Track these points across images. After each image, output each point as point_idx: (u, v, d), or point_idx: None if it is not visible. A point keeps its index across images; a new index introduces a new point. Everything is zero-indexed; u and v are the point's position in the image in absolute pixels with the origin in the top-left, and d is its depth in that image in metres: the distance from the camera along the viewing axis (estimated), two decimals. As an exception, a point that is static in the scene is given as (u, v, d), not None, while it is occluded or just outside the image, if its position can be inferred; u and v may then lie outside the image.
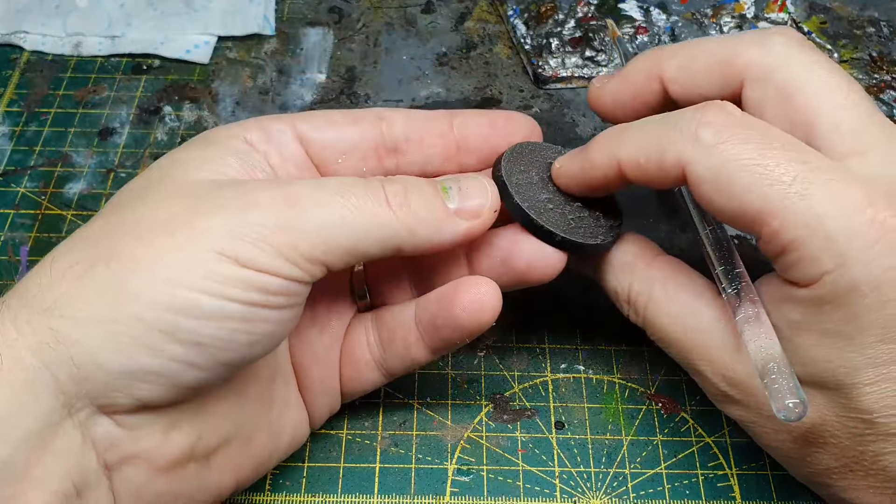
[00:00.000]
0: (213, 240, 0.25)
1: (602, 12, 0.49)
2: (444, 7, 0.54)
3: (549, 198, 0.32)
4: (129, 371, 0.24)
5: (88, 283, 0.24)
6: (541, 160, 0.33)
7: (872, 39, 0.53)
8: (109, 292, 0.24)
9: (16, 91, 0.48)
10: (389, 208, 0.27)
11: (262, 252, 0.25)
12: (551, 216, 0.31)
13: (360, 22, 0.53)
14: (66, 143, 0.46)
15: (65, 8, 0.52)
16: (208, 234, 0.25)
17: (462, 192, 0.30)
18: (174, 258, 0.24)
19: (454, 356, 0.37)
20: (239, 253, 0.25)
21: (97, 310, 0.24)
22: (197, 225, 0.25)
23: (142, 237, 0.25)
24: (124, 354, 0.24)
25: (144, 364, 0.24)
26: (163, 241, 0.25)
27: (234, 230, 0.25)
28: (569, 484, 0.34)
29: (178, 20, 0.51)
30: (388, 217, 0.27)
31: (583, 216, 0.32)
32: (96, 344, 0.24)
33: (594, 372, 0.37)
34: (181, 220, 0.25)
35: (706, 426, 0.35)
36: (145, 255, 0.24)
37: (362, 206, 0.27)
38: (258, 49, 0.51)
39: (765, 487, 0.34)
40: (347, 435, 0.35)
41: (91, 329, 0.24)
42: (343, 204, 0.27)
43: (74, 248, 0.26)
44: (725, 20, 0.49)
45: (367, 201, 0.27)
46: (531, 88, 0.49)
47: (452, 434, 0.35)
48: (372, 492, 0.33)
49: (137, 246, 0.25)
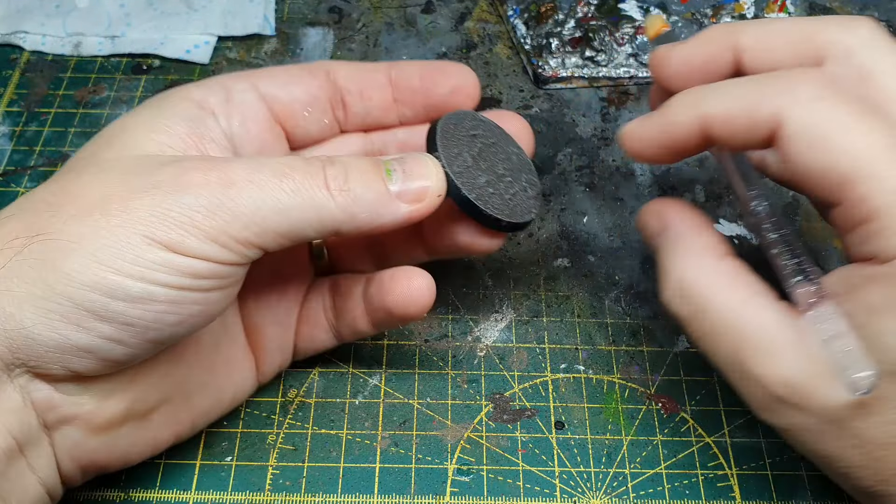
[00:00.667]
0: (144, 223, 0.25)
1: (602, 12, 0.49)
2: (444, 7, 0.54)
3: (486, 180, 0.32)
4: (60, 346, 0.25)
5: (25, 259, 0.25)
6: (468, 135, 0.33)
7: (872, 39, 0.53)
8: (43, 270, 0.25)
9: (16, 91, 0.48)
10: (328, 191, 0.27)
11: (191, 237, 0.25)
12: (493, 201, 0.32)
13: (360, 22, 0.53)
14: (66, 143, 0.46)
15: (65, 8, 0.52)
16: (139, 216, 0.25)
17: (406, 173, 0.29)
18: (105, 240, 0.25)
19: (454, 356, 0.37)
20: (168, 238, 0.25)
21: (31, 287, 0.25)
22: (130, 206, 0.25)
23: (78, 215, 0.25)
24: (55, 330, 0.25)
25: (74, 340, 0.25)
26: (97, 220, 0.25)
27: (165, 214, 0.25)
28: (569, 484, 0.34)
29: (178, 20, 0.51)
30: (326, 200, 0.27)
31: (516, 192, 0.33)
32: (29, 319, 0.25)
33: (594, 372, 0.37)
34: (116, 199, 0.26)
35: (706, 426, 0.35)
36: (79, 234, 0.25)
37: (299, 189, 0.27)
38: (258, 49, 0.51)
39: (765, 487, 0.34)
40: (347, 435, 0.35)
41: (25, 305, 0.24)
42: (279, 187, 0.27)
43: (19, 216, 0.26)
44: (725, 20, 0.49)
45: (304, 184, 0.27)
46: (531, 88, 0.49)
47: (452, 434, 0.35)
48: (372, 492, 0.33)
49: (73, 224, 0.25)
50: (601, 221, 0.43)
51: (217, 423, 0.34)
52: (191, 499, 0.33)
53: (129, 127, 0.29)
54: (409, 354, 0.37)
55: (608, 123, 0.47)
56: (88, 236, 0.25)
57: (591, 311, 0.39)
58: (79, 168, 0.28)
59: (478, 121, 0.34)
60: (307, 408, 0.36)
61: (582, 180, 0.44)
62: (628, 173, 0.45)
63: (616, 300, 0.40)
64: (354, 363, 0.37)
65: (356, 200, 0.28)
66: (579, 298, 0.40)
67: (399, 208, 0.29)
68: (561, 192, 0.44)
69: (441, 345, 0.38)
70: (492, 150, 0.33)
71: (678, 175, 0.44)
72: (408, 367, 0.37)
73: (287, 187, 0.27)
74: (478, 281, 0.40)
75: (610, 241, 0.42)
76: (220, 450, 0.34)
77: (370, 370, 0.37)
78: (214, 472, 0.34)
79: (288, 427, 0.35)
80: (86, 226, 0.25)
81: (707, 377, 0.37)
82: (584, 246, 0.42)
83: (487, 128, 0.34)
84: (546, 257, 0.41)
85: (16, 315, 0.24)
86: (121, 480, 0.33)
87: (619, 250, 0.41)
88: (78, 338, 0.25)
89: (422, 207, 0.29)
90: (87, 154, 0.29)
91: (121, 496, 0.33)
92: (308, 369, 0.37)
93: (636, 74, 0.49)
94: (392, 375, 0.37)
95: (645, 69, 0.49)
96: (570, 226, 0.42)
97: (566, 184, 0.44)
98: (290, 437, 0.35)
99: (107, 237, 0.25)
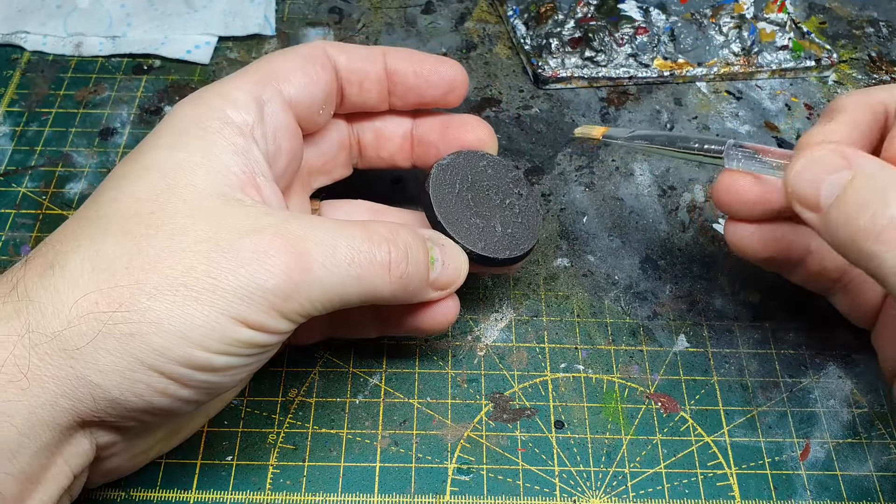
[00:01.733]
0: (230, 304, 0.26)
1: (602, 13, 0.49)
2: (444, 7, 0.54)
3: (492, 228, 0.34)
4: (143, 409, 0.26)
5: (110, 333, 0.25)
6: (461, 188, 0.35)
7: (871, 40, 0.53)
8: (130, 345, 0.25)
9: (17, 91, 0.48)
10: (388, 276, 0.29)
11: (269, 317, 0.27)
12: (499, 246, 0.34)
13: (360, 22, 0.53)
14: (66, 143, 0.46)
15: (66, 8, 0.52)
16: (225, 297, 0.26)
17: (444, 266, 0.32)
18: (195, 320, 0.26)
19: (454, 355, 0.37)
20: (250, 319, 0.27)
21: (118, 359, 0.25)
22: (215, 286, 0.26)
23: (162, 290, 0.26)
24: (140, 397, 0.26)
25: (157, 403, 0.26)
26: (184, 298, 0.26)
27: (249, 297, 0.26)
28: (568, 483, 0.34)
29: (178, 20, 0.51)
30: (384, 285, 0.29)
31: (516, 222, 0.35)
32: (116, 388, 0.26)
33: (594, 371, 0.37)
34: (199, 273, 0.26)
35: (705, 425, 0.35)
36: (168, 313, 0.26)
37: (364, 276, 0.29)
38: (259, 49, 0.51)
39: (764, 487, 0.34)
40: (347, 434, 0.35)
41: (112, 376, 0.25)
42: (348, 272, 0.28)
43: (95, 276, 0.26)
44: (725, 20, 0.49)
45: (371, 271, 0.29)
46: (531, 88, 0.49)
47: (452, 433, 0.35)
48: (372, 491, 0.33)
49: (159, 301, 0.26)
50: (601, 221, 0.43)
51: (217, 422, 0.35)
52: (191, 498, 0.33)
53: (187, 167, 0.28)
54: (409, 354, 0.38)
55: (608, 123, 0.47)
56: (177, 315, 0.26)
57: (591, 310, 0.39)
58: (148, 220, 0.27)
59: (462, 164, 0.35)
60: (307, 407, 0.36)
61: (582, 180, 0.44)
62: (628, 173, 0.45)
63: (616, 300, 0.40)
64: (354, 363, 0.37)
65: (406, 288, 0.30)
66: (579, 298, 0.40)
67: (429, 294, 0.32)
68: (561, 192, 0.44)
69: (441, 344, 0.38)
70: (476, 187, 0.35)
71: (678, 175, 0.44)
72: (408, 367, 0.37)
73: (354, 273, 0.28)
74: (478, 281, 0.40)
75: (610, 241, 0.42)
76: (221, 449, 0.34)
77: (370, 370, 0.37)
78: (215, 471, 0.34)
79: (288, 426, 0.35)
80: (174, 304, 0.26)
81: (706, 377, 0.37)
82: (583, 246, 0.42)
83: (472, 165, 0.36)
84: (546, 257, 0.41)
85: (102, 384, 0.25)
86: (122, 480, 0.33)
87: (619, 250, 0.41)
88: (160, 401, 0.26)
89: (443, 295, 0.32)
90: (148, 195, 0.28)
91: (122, 496, 0.33)
92: (308, 369, 0.37)
93: (636, 74, 0.49)
94: (392, 375, 0.37)
95: (644, 69, 0.49)
96: (569, 226, 0.42)
97: (566, 184, 0.44)
98: (291, 437, 0.35)
99: (196, 316, 0.26)
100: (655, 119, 0.47)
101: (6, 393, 0.24)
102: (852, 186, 0.27)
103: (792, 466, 0.34)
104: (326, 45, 0.34)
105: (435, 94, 0.36)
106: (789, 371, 0.37)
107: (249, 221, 0.27)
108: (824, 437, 0.35)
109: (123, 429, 0.28)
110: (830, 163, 0.28)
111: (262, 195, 0.29)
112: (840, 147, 0.28)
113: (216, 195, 0.28)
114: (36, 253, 0.27)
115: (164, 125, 0.30)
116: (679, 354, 0.38)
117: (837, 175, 0.27)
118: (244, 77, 0.31)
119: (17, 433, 0.25)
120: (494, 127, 0.47)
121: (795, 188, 0.28)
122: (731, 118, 0.48)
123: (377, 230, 0.29)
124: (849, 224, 0.26)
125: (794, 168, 0.28)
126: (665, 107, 0.48)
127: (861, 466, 0.34)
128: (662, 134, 0.35)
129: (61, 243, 0.27)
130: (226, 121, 0.30)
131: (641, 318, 0.39)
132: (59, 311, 0.25)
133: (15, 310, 0.25)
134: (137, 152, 0.29)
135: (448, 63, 0.36)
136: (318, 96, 0.33)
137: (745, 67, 0.49)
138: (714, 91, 0.49)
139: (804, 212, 0.28)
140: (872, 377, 0.37)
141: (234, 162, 0.29)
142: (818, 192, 0.28)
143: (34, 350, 0.25)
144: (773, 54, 0.50)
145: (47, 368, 0.25)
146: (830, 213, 0.27)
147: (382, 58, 0.35)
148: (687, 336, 0.38)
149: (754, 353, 0.38)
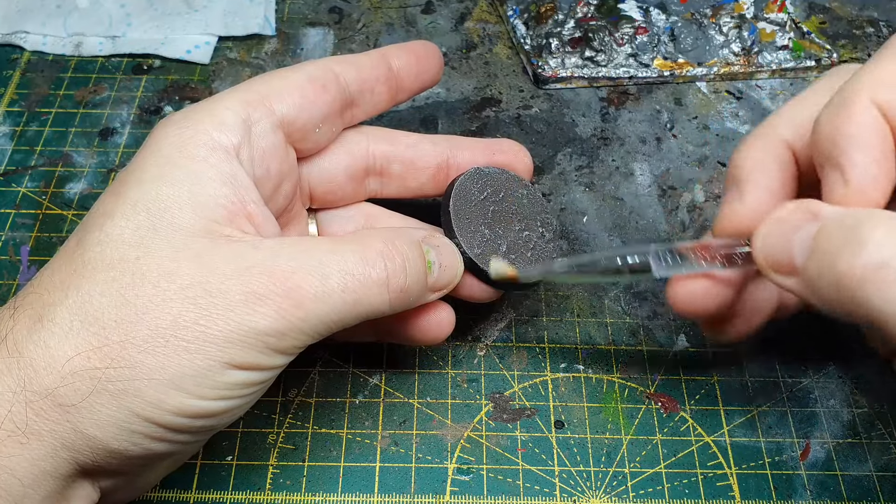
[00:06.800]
0: (222, 350, 0.26)
1: (602, 12, 0.49)
2: (444, 7, 0.54)
3: (507, 246, 0.34)
4: (142, 456, 0.27)
5: (103, 389, 0.25)
6: (479, 202, 0.35)
7: (872, 40, 0.53)
8: (125, 399, 0.25)
9: (16, 91, 0.48)
10: (386, 291, 0.29)
11: (263, 356, 0.27)
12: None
13: (360, 22, 0.53)
14: (66, 143, 0.46)
15: (65, 8, 0.52)
16: (216, 344, 0.26)
17: (441, 267, 0.32)
18: (187, 370, 0.26)
19: (454, 355, 0.37)
20: (244, 360, 0.27)
21: (114, 413, 0.26)
22: (205, 335, 0.26)
23: (153, 343, 0.26)
24: (139, 446, 0.26)
25: (155, 449, 0.27)
26: (174, 348, 0.26)
27: (241, 341, 0.26)
28: (568, 483, 0.34)
29: (178, 20, 0.51)
30: (382, 301, 0.29)
31: (535, 242, 0.35)
32: (115, 441, 0.26)
33: (594, 371, 0.37)
34: (188, 322, 0.26)
35: (705, 425, 0.35)
36: (159, 366, 0.26)
37: (361, 300, 0.28)
38: (259, 49, 0.51)
39: (764, 487, 0.34)
40: (347, 434, 0.35)
41: (109, 429, 0.26)
42: (343, 299, 0.28)
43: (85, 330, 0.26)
44: (725, 20, 0.49)
45: (367, 290, 0.28)
46: (531, 88, 0.49)
47: (452, 433, 0.35)
48: (372, 491, 0.33)
49: (150, 355, 0.26)
50: (601, 221, 0.43)
51: (217, 422, 0.35)
52: (192, 498, 0.33)
53: (173, 205, 0.27)
54: (409, 354, 0.38)
55: (608, 123, 0.47)
56: (168, 367, 0.26)
57: (591, 310, 0.39)
58: (134, 267, 0.27)
59: (483, 179, 0.35)
60: (307, 407, 0.36)
61: (582, 180, 0.44)
62: (628, 173, 0.45)
63: (615, 300, 0.40)
64: (354, 363, 0.37)
65: (407, 297, 0.30)
66: (579, 298, 0.40)
67: (428, 297, 0.32)
68: (561, 192, 0.44)
69: (441, 344, 0.38)
70: (504, 205, 0.35)
71: (678, 175, 0.44)
72: (408, 367, 0.37)
73: (349, 298, 0.28)
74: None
75: (610, 241, 0.42)
76: (221, 449, 0.34)
77: (370, 369, 0.37)
78: (215, 471, 0.34)
79: (288, 426, 0.35)
80: (164, 356, 0.26)
81: (706, 377, 0.37)
82: (584, 246, 0.42)
83: (493, 181, 0.36)
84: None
85: (99, 437, 0.26)
86: (122, 480, 0.33)
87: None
88: (159, 447, 0.27)
89: (440, 295, 0.32)
90: (132, 237, 0.27)
91: (122, 495, 0.33)
92: (308, 369, 0.37)
93: (636, 74, 0.49)
94: (392, 375, 0.37)
95: (644, 69, 0.49)
96: (570, 226, 0.42)
97: (566, 184, 0.44)
98: (291, 437, 0.35)
99: (187, 367, 0.26)
100: (655, 119, 0.47)
101: (7, 447, 0.25)
102: (822, 234, 0.25)
103: (792, 466, 0.34)
104: (334, 64, 0.33)
105: (434, 76, 0.37)
106: (789, 371, 0.37)
107: (237, 260, 0.27)
108: (824, 437, 0.35)
109: (125, 472, 0.28)
110: (796, 220, 0.26)
111: (255, 222, 0.29)
112: (802, 202, 0.27)
113: (203, 233, 0.27)
114: (23, 302, 0.27)
115: (150, 151, 0.29)
116: (679, 354, 0.38)
117: (805, 228, 0.26)
118: (235, 95, 0.31)
119: (21, 485, 0.25)
120: (494, 127, 0.47)
121: (766, 255, 0.27)
122: (731, 118, 0.48)
123: (372, 245, 0.29)
124: (829, 272, 0.24)
125: (759, 236, 0.27)
126: (665, 107, 0.48)
127: (861, 466, 0.34)
128: (584, 257, 0.34)
129: (49, 293, 0.27)
130: (212, 146, 0.29)
131: (641, 317, 0.39)
132: (52, 368, 0.25)
133: (6, 366, 0.25)
134: (123, 184, 0.28)
135: (426, 43, 0.37)
136: (315, 115, 0.32)
137: (745, 67, 0.49)
138: (714, 91, 0.49)
139: (782, 279, 0.27)
140: (873, 377, 0.37)
141: (222, 193, 0.28)
142: (790, 251, 0.26)
143: (30, 406, 0.25)
144: (774, 54, 0.50)
145: (45, 423, 0.25)
146: (808, 268, 0.25)
147: (385, 59, 0.35)
148: (687, 336, 0.38)
149: (754, 353, 0.38)
